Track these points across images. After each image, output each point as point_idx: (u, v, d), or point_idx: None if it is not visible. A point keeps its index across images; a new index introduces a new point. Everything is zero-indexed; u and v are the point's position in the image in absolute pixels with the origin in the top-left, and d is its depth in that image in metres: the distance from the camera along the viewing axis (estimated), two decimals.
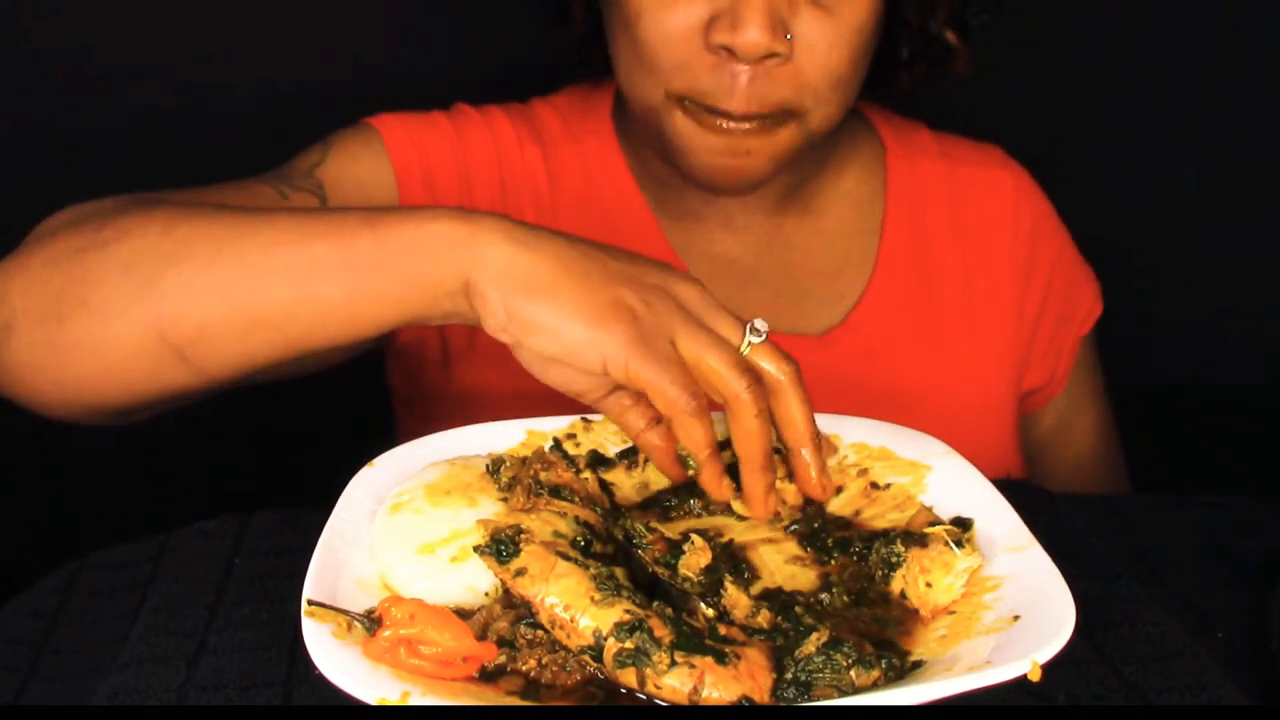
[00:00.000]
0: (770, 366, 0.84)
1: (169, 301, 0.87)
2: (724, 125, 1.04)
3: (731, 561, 0.79)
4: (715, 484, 0.85)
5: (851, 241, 1.24)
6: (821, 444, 0.86)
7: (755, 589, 0.78)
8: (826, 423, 0.95)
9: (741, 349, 0.83)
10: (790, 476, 0.87)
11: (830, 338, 1.19)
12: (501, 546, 0.72)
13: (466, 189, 1.17)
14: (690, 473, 0.87)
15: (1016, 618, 0.70)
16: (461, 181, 1.17)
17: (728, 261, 1.21)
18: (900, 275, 1.23)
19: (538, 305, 0.80)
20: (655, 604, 0.71)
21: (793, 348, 1.13)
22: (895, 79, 1.18)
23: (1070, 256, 1.30)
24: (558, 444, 0.92)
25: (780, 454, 0.88)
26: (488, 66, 1.37)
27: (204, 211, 0.91)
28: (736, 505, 0.86)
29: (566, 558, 0.72)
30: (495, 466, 0.83)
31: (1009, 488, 0.84)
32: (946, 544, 0.77)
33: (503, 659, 0.69)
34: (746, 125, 1.03)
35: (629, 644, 0.67)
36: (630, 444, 0.92)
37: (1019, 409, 1.27)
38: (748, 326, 0.84)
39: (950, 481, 0.87)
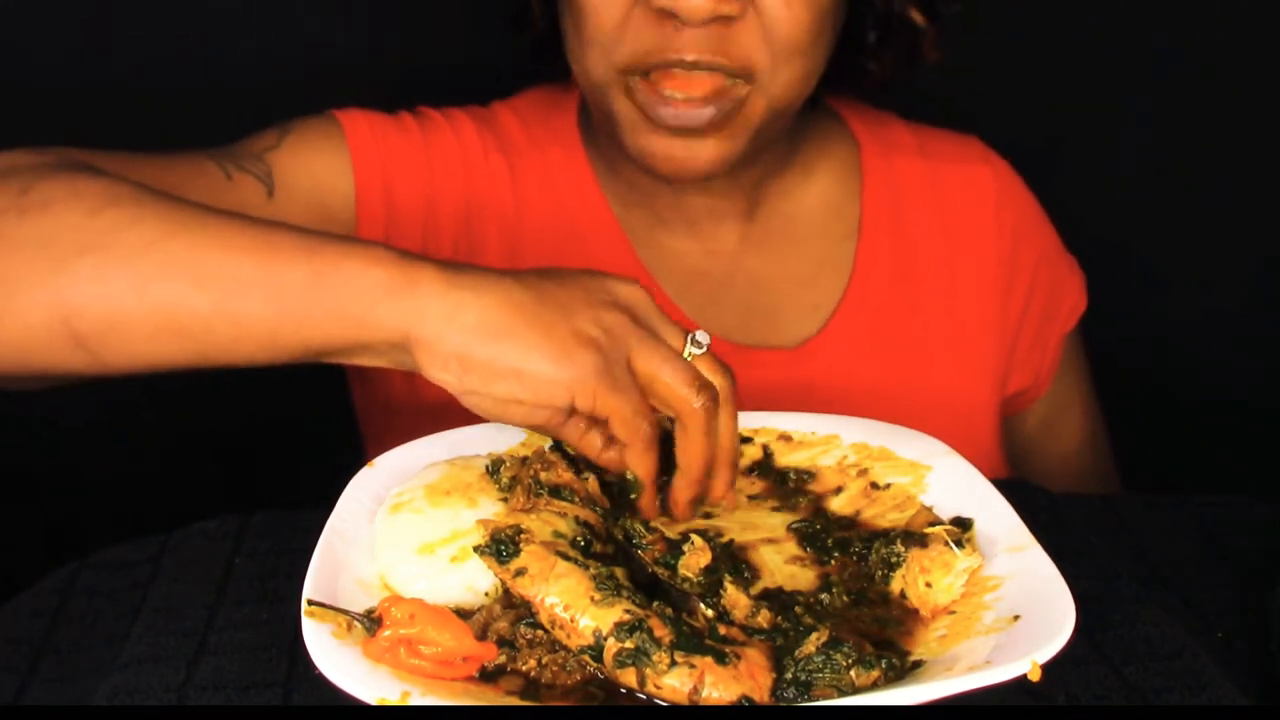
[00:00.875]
0: (710, 379, 0.83)
1: (80, 288, 0.82)
2: (672, 113, 0.98)
3: (731, 562, 0.79)
4: (651, 507, 0.86)
5: (826, 246, 1.19)
6: (737, 459, 0.88)
7: (755, 589, 0.78)
8: (826, 423, 0.95)
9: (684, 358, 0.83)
10: None
11: (805, 350, 1.15)
12: (501, 546, 0.72)
13: (430, 203, 1.13)
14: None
15: (1016, 618, 0.70)
16: (426, 194, 1.13)
17: (698, 275, 1.17)
18: (879, 280, 1.18)
19: (497, 350, 0.78)
20: (655, 604, 0.71)
21: (766, 363, 1.11)
22: (864, 69, 1.13)
23: (1054, 251, 1.27)
24: (558, 444, 0.92)
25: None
26: (457, 57, 1.34)
27: (136, 197, 0.85)
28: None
29: (566, 558, 0.72)
30: (495, 467, 0.83)
31: (1009, 488, 0.84)
32: (946, 544, 0.77)
33: (503, 659, 0.69)
34: (699, 110, 0.98)
35: (629, 644, 0.67)
36: None
37: (1003, 411, 1.24)
38: (689, 338, 0.83)
39: (950, 481, 0.87)
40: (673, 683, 0.66)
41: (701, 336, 0.84)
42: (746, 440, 0.94)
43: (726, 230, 1.17)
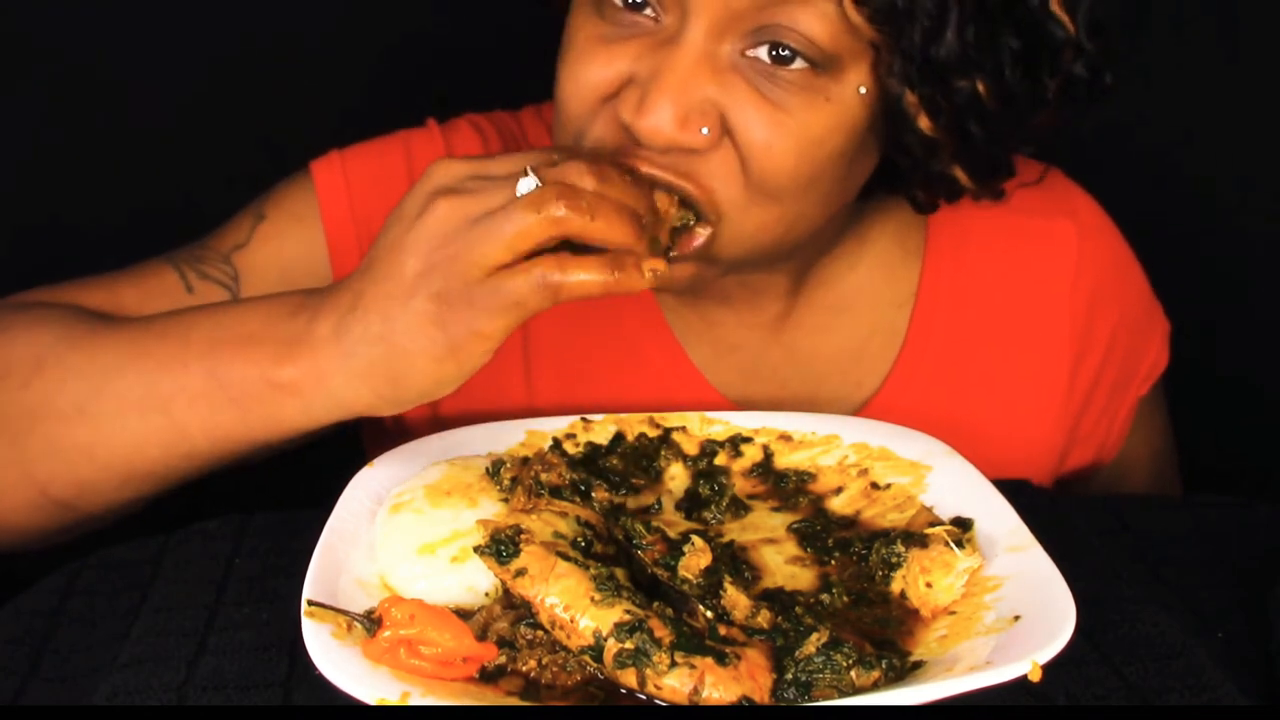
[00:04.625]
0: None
1: (41, 464, 0.87)
2: None
3: (732, 562, 0.79)
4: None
5: (878, 315, 1.07)
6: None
7: (755, 589, 0.78)
8: (826, 423, 0.95)
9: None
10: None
11: None
12: (501, 547, 0.72)
13: None
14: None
15: (1017, 618, 0.70)
16: None
17: (731, 348, 1.06)
18: (931, 353, 1.07)
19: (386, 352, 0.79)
20: (655, 604, 0.71)
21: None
22: (913, 198, 1.00)
23: (1138, 309, 1.13)
24: (557, 444, 0.92)
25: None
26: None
27: (60, 354, 0.89)
28: None
29: (567, 558, 0.72)
30: (496, 468, 0.82)
31: (1009, 488, 0.84)
32: (947, 544, 0.77)
33: (503, 659, 0.69)
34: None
35: (629, 644, 0.67)
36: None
37: (1059, 481, 1.13)
38: (518, 186, 0.78)
39: (950, 481, 0.87)
40: (673, 683, 0.66)
41: (525, 184, 0.78)
42: (747, 440, 0.94)
43: (766, 302, 1.05)
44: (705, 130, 0.84)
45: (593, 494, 0.81)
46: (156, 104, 1.35)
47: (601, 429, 0.94)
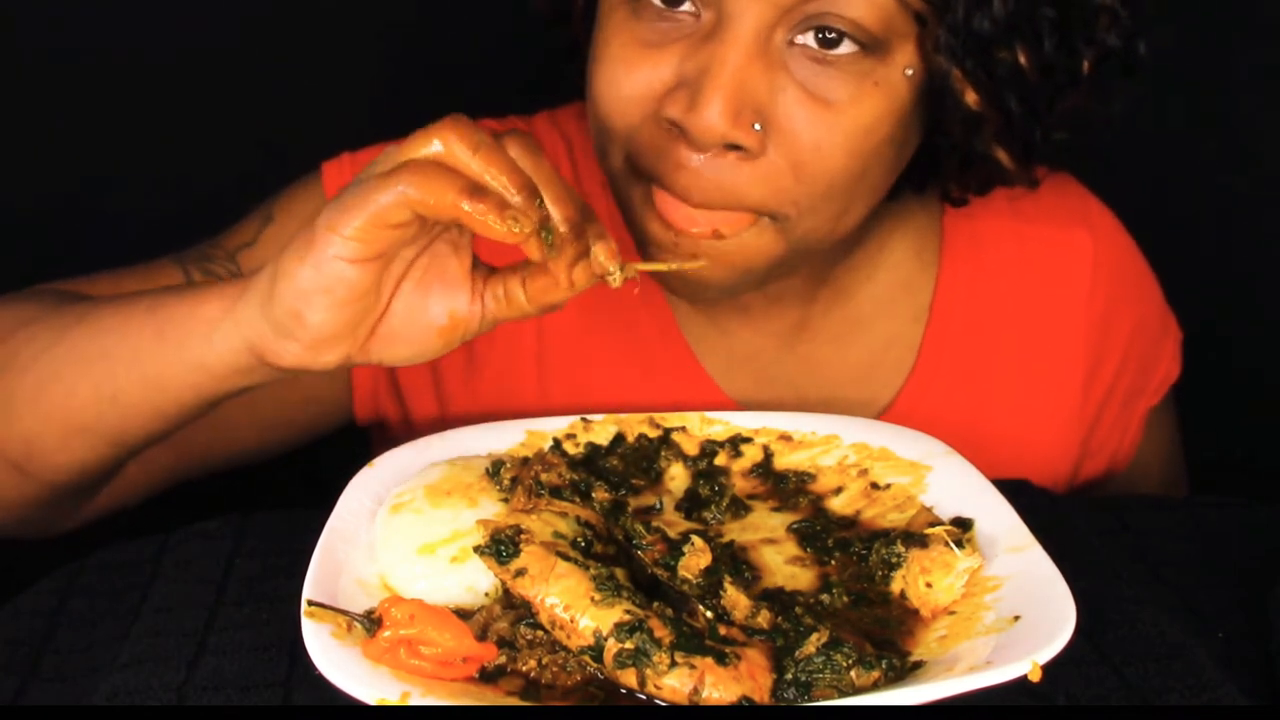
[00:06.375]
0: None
1: None
2: (680, 215, 0.86)
3: (732, 562, 0.79)
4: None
5: (892, 328, 1.07)
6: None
7: (755, 589, 0.78)
8: (826, 423, 0.95)
9: None
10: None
11: None
12: (501, 547, 0.72)
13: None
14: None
15: (1017, 618, 0.70)
16: None
17: (745, 358, 1.06)
18: (947, 364, 1.06)
19: (289, 271, 0.74)
20: (655, 604, 0.71)
21: None
22: (945, 190, 1.01)
23: (1151, 318, 1.13)
24: (557, 444, 0.92)
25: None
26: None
27: (38, 315, 0.89)
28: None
29: (567, 558, 0.72)
30: (496, 468, 0.82)
31: (1009, 488, 0.84)
32: (947, 544, 0.77)
33: (503, 659, 0.69)
34: (702, 221, 0.86)
35: (629, 644, 0.67)
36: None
37: (1071, 492, 1.13)
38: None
39: (950, 481, 0.87)
40: (673, 683, 0.66)
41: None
42: (747, 440, 0.94)
43: (782, 311, 1.05)
44: (757, 126, 0.83)
45: (593, 494, 0.81)
46: (159, 104, 1.35)
47: (602, 429, 0.94)
